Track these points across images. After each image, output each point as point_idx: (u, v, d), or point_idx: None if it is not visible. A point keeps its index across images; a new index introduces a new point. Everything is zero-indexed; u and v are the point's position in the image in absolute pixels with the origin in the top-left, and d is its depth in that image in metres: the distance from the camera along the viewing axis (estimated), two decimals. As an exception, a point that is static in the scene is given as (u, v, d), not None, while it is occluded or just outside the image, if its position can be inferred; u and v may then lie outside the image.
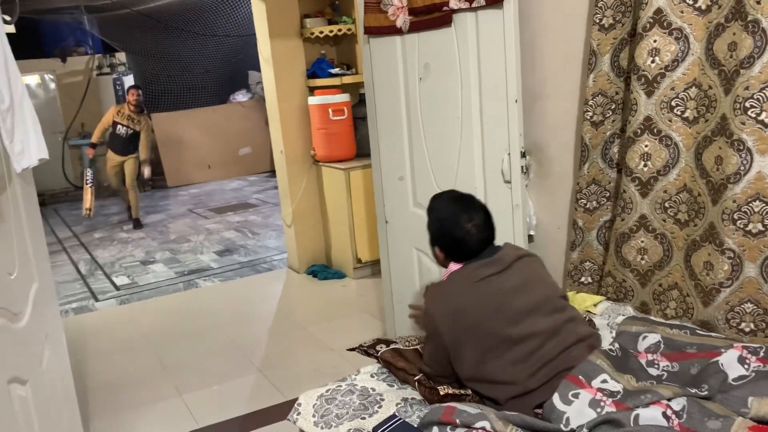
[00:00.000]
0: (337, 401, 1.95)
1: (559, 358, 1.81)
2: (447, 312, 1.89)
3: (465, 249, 1.96)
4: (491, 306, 1.85)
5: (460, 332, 1.86)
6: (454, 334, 1.87)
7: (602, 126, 2.32)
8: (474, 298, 1.87)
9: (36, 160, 2.24)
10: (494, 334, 1.83)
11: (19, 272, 2.17)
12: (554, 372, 1.80)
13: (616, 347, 1.88)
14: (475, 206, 2.01)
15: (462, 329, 1.86)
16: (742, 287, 1.99)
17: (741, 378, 1.72)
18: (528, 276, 1.93)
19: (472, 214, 1.97)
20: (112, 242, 6.80)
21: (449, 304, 1.89)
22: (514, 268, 1.93)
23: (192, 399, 3.28)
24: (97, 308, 4.82)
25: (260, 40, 4.92)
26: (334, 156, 4.83)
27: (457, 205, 2.02)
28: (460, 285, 1.91)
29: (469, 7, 2.56)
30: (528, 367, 1.80)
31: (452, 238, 1.98)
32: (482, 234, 1.96)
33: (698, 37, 2.00)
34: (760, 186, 1.89)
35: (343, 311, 4.34)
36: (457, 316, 1.87)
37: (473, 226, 1.95)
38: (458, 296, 1.89)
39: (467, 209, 1.99)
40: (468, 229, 1.95)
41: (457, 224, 1.96)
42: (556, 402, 1.69)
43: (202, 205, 8.53)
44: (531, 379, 1.80)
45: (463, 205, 2.02)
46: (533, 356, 1.81)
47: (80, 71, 9.89)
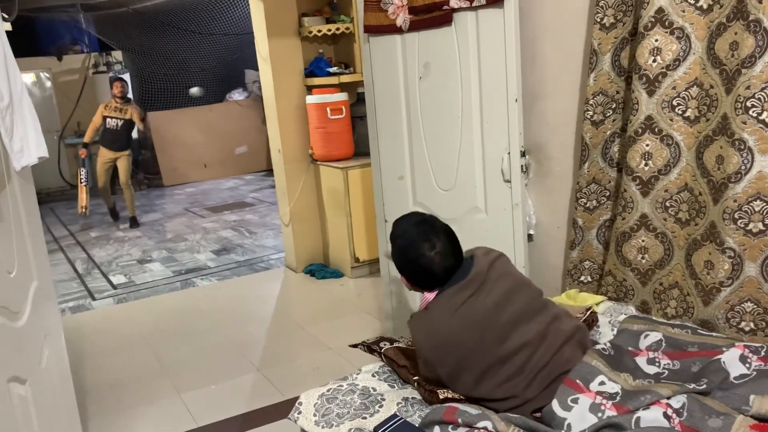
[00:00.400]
0: (338, 400, 1.95)
1: (552, 363, 1.80)
2: (435, 345, 1.86)
3: (431, 278, 1.90)
4: (477, 330, 1.81)
5: (452, 363, 1.84)
6: (447, 366, 1.85)
7: (603, 125, 2.33)
8: (459, 326, 1.83)
9: (36, 158, 2.24)
10: (486, 356, 1.81)
11: (19, 271, 2.16)
12: (550, 378, 1.79)
13: (608, 346, 1.88)
14: (436, 231, 1.91)
15: (454, 360, 1.83)
16: (743, 286, 1.99)
17: (743, 376, 1.72)
18: (506, 283, 1.87)
19: (434, 241, 1.88)
20: (109, 241, 6.78)
21: (435, 337, 1.85)
22: (491, 281, 1.86)
23: (191, 398, 3.28)
24: (95, 307, 4.81)
25: (258, 38, 4.91)
26: (332, 155, 4.82)
27: (419, 232, 1.92)
28: (443, 316, 1.85)
29: (469, 6, 2.57)
30: (523, 378, 1.80)
31: (416, 268, 1.91)
32: (447, 261, 1.88)
33: (699, 37, 2.00)
34: (760, 185, 1.89)
35: (341, 310, 4.33)
36: (447, 349, 1.84)
37: (436, 254, 1.87)
38: (443, 327, 1.84)
39: (428, 236, 1.89)
40: (431, 258, 1.87)
41: (419, 253, 1.88)
42: (555, 408, 1.68)
43: (198, 204, 8.52)
44: (528, 390, 1.79)
45: (424, 231, 1.91)
46: (526, 366, 1.80)
47: (76, 69, 9.86)
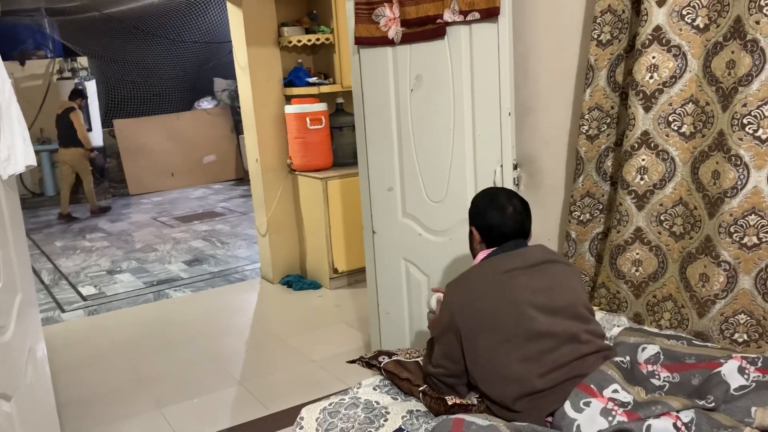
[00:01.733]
0: (341, 415, 1.92)
1: (573, 365, 1.81)
2: (466, 300, 1.91)
3: (498, 230, 2.01)
4: (511, 299, 1.86)
5: (476, 321, 1.86)
6: (470, 323, 1.87)
7: (597, 139, 2.36)
8: (495, 288, 1.89)
9: (23, 166, 2.17)
10: (510, 326, 1.83)
11: (4, 283, 2.08)
12: (565, 377, 1.80)
13: (627, 360, 1.90)
14: (514, 195, 2.09)
15: (479, 318, 1.86)
16: (737, 299, 2.04)
17: (742, 388, 1.75)
18: (554, 280, 1.92)
19: (512, 199, 2.05)
20: (76, 251, 6.61)
21: (469, 293, 1.91)
22: (541, 269, 1.93)
23: (172, 412, 3.20)
24: (64, 319, 4.67)
25: (236, 47, 4.86)
26: (311, 165, 4.80)
27: (499, 191, 2.12)
28: (483, 275, 1.94)
29: (463, 20, 2.58)
30: (539, 366, 1.80)
31: (488, 215, 2.03)
32: (518, 216, 2.02)
33: (696, 55, 2.06)
34: (756, 200, 1.94)
35: (320, 322, 4.30)
36: (476, 305, 1.88)
37: (510, 207, 2.02)
38: (479, 285, 1.92)
39: (507, 193, 2.09)
40: (504, 208, 2.01)
41: (496, 200, 2.04)
42: (567, 409, 1.70)
43: (166, 213, 8.37)
44: (540, 380, 1.79)
45: (503, 191, 2.12)
46: (546, 357, 1.80)
47: (40, 75, 9.61)
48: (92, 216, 8.37)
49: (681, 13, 2.04)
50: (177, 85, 10.42)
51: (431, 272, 2.95)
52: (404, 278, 3.09)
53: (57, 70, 9.62)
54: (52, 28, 9.34)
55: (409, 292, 3.08)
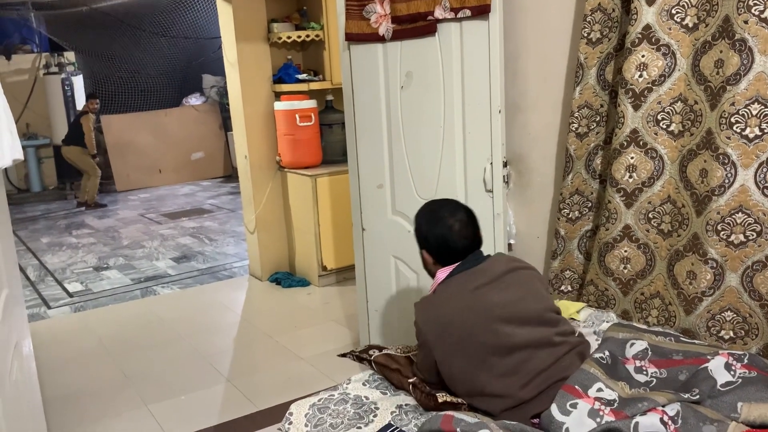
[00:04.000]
0: (330, 410, 1.92)
1: (552, 369, 1.82)
2: (436, 326, 1.89)
3: (449, 248, 1.97)
4: (480, 317, 1.85)
5: (449, 346, 1.86)
6: (443, 348, 1.87)
7: (587, 138, 2.38)
8: (462, 309, 1.87)
9: (10, 160, 2.13)
10: (483, 345, 1.83)
11: (-9, 278, 2.06)
12: (547, 383, 1.81)
13: (606, 355, 1.91)
14: (457, 206, 2.05)
15: (451, 343, 1.86)
16: (723, 296, 2.06)
17: (728, 384, 1.77)
18: (519, 289, 1.92)
19: (455, 212, 2.00)
20: (62, 247, 6.55)
21: (438, 318, 1.89)
22: (505, 281, 1.92)
23: (159, 410, 3.18)
24: (50, 316, 4.63)
25: (226, 43, 4.84)
26: (300, 162, 4.78)
27: (440, 205, 2.07)
28: (449, 297, 1.91)
29: (454, 18, 2.59)
30: (519, 378, 1.81)
31: (436, 235, 1.99)
32: (466, 231, 1.98)
33: (685, 54, 2.07)
34: (743, 198, 1.96)
35: (309, 319, 4.29)
36: (446, 330, 1.87)
37: (455, 222, 1.97)
38: (446, 309, 1.89)
39: (449, 208, 2.03)
40: (450, 225, 1.97)
41: (439, 221, 1.99)
42: (554, 413, 1.70)
43: (153, 210, 8.31)
44: (523, 390, 1.81)
45: (445, 204, 2.07)
46: (524, 367, 1.82)
47: (26, 70, 9.51)
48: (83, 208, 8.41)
49: (670, 12, 2.06)
50: (165, 81, 10.35)
51: (420, 269, 2.93)
52: (393, 275, 3.09)
53: (43, 64, 9.53)
54: (39, 22, 9.26)
55: (398, 289, 3.09)
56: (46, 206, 8.83)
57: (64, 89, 9.25)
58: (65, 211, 8.43)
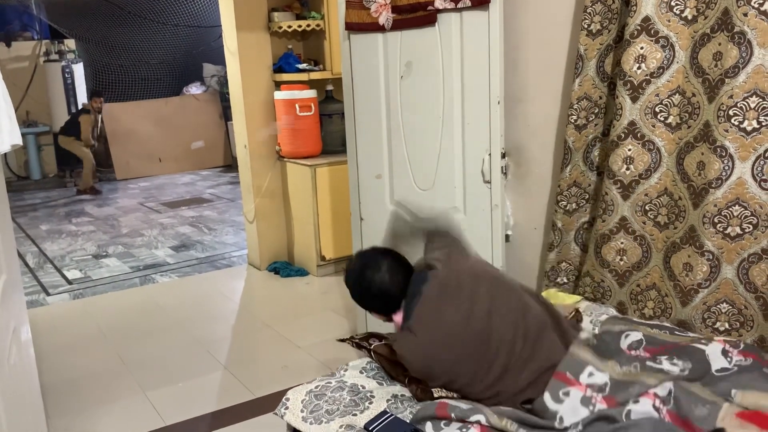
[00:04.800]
0: (326, 397, 1.93)
1: (536, 354, 1.84)
2: (424, 363, 1.91)
3: (392, 297, 1.97)
4: (458, 342, 1.87)
5: (441, 374, 1.89)
6: (438, 379, 1.90)
7: (585, 129, 2.38)
8: (440, 341, 1.88)
9: (8, 145, 2.14)
10: (472, 364, 1.86)
11: (-11, 263, 2.07)
12: (538, 371, 1.83)
13: (591, 331, 1.93)
14: (376, 257, 2.02)
15: (442, 371, 1.89)
16: (719, 288, 2.07)
17: (724, 370, 1.77)
18: (468, 285, 1.93)
19: (377, 266, 1.97)
20: (61, 235, 6.56)
21: (424, 356, 1.89)
22: (462, 285, 1.93)
23: (157, 396, 3.20)
24: (49, 302, 4.65)
25: (226, 32, 4.83)
26: (300, 152, 4.78)
27: (361, 268, 2.02)
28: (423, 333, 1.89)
29: (454, 8, 2.58)
30: (511, 375, 1.84)
31: (374, 294, 1.99)
32: (397, 276, 1.96)
33: (683, 46, 2.07)
34: (739, 191, 1.97)
35: (307, 309, 4.30)
36: (435, 364, 1.89)
37: (384, 274, 1.95)
38: (426, 345, 1.89)
39: (371, 265, 2.00)
40: (381, 280, 1.95)
41: (371, 284, 1.97)
42: (547, 401, 1.72)
43: (153, 199, 8.31)
44: (516, 383, 1.83)
45: (365, 262, 2.03)
46: (511, 363, 1.84)
47: (26, 57, 9.48)
48: (79, 194, 8.45)
49: (669, 4, 2.06)
50: (165, 69, 10.32)
51: (418, 259, 2.96)
52: (391, 265, 3.09)
53: (44, 52, 9.50)
54: (39, 9, 9.22)
55: (396, 279, 3.09)
56: (45, 194, 8.83)
57: (65, 77, 9.23)
58: (65, 198, 8.43)
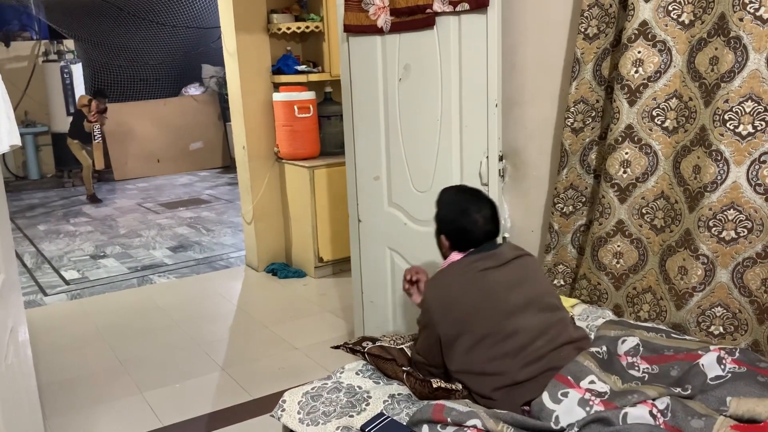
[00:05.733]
0: (323, 398, 1.94)
1: (549, 356, 1.85)
2: (443, 301, 1.95)
3: (470, 238, 2.03)
4: (486, 297, 1.91)
5: (453, 321, 1.91)
6: (448, 323, 1.92)
7: (582, 133, 2.39)
8: (470, 288, 1.94)
9: (7, 146, 2.14)
10: (487, 324, 1.88)
11: (-13, 263, 2.08)
12: (543, 369, 1.84)
13: (603, 350, 1.93)
14: (484, 199, 2.09)
15: (456, 319, 1.91)
16: (714, 292, 2.08)
17: (718, 378, 1.79)
18: (524, 274, 2.00)
19: (481, 206, 2.05)
20: (59, 235, 6.56)
21: (446, 294, 1.95)
22: (513, 265, 1.99)
23: (153, 397, 3.20)
24: (46, 303, 4.65)
25: (225, 33, 4.84)
26: (298, 154, 4.79)
27: (468, 196, 2.10)
28: (458, 275, 1.97)
29: (452, 11, 2.59)
30: (517, 361, 1.85)
31: (459, 226, 2.04)
32: (488, 225, 2.03)
33: (680, 51, 2.08)
34: (735, 195, 1.98)
35: (305, 310, 4.31)
36: (453, 305, 1.93)
37: (481, 217, 2.02)
38: (455, 286, 1.95)
39: (477, 201, 2.07)
40: (475, 219, 2.02)
41: (466, 213, 2.03)
42: (545, 400, 1.73)
43: (151, 199, 8.32)
44: (519, 373, 1.84)
45: (473, 196, 2.10)
46: (523, 351, 1.86)
47: (25, 57, 9.48)
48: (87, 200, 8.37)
49: (667, 8, 2.07)
50: (164, 70, 10.32)
51: (415, 261, 2.97)
52: (389, 267, 3.10)
53: (42, 52, 9.50)
54: (38, 9, 9.22)
55: (394, 280, 3.10)
56: (43, 194, 8.83)
57: (63, 77, 9.22)
58: (63, 199, 8.43)
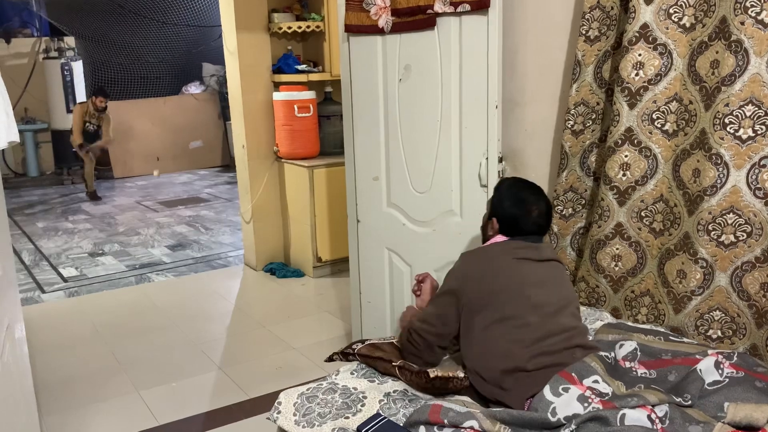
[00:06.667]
0: (318, 399, 1.93)
1: (561, 354, 1.86)
2: (478, 270, 1.98)
3: (521, 226, 2.06)
4: (517, 282, 1.95)
5: (482, 295, 1.94)
6: (475, 295, 1.95)
7: (582, 135, 2.38)
8: (505, 269, 1.97)
9: (5, 142, 2.14)
10: (510, 308, 1.91)
11: (-17, 259, 2.07)
12: (551, 363, 1.84)
13: (612, 356, 1.93)
14: (542, 195, 2.11)
15: (485, 293, 1.94)
16: (712, 296, 2.07)
17: (716, 383, 1.78)
18: (556, 276, 2.03)
19: (540, 201, 2.08)
20: (57, 232, 6.55)
21: (483, 267, 1.99)
22: (548, 265, 2.03)
23: (150, 395, 3.19)
24: (44, 300, 4.64)
25: (226, 32, 4.83)
26: (297, 153, 4.79)
27: (530, 189, 2.13)
28: (497, 254, 2.02)
29: (453, 12, 2.59)
30: (529, 351, 1.86)
31: (514, 213, 2.07)
32: (540, 220, 2.07)
33: (681, 54, 2.08)
34: (734, 199, 1.97)
35: (302, 310, 4.30)
36: (486, 278, 1.96)
37: (536, 209, 2.06)
38: (492, 262, 2.00)
39: (536, 194, 2.10)
40: (530, 210, 2.05)
41: (521, 202, 2.07)
42: (546, 393, 1.73)
43: (150, 197, 8.31)
44: (529, 362, 1.85)
45: (532, 190, 2.13)
46: (538, 343, 1.87)
47: (25, 54, 9.47)
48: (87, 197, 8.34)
49: (668, 11, 2.07)
50: (165, 68, 10.32)
51: (414, 262, 2.97)
52: (387, 267, 3.10)
53: (43, 49, 9.49)
54: (39, 6, 9.22)
55: (392, 281, 3.10)
56: (42, 191, 8.83)
57: (64, 74, 9.22)
58: (62, 196, 8.42)
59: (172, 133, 10.02)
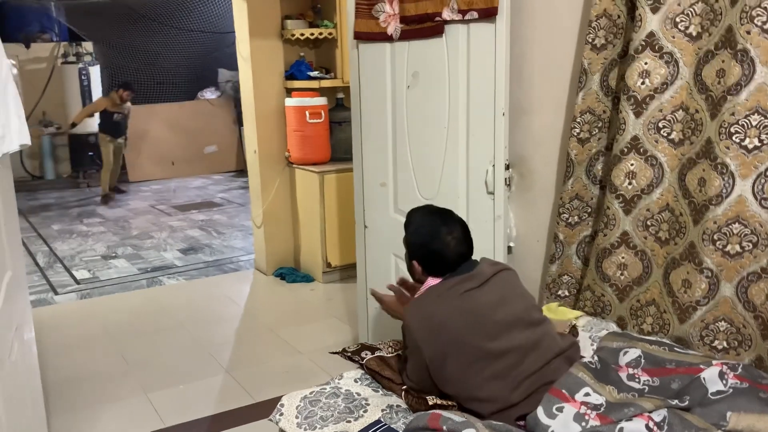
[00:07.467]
0: (321, 403, 1.94)
1: (540, 372, 1.84)
2: (427, 327, 1.89)
3: (443, 262, 1.98)
4: (471, 320, 1.87)
5: (440, 347, 1.87)
6: (434, 350, 1.88)
7: (588, 143, 2.38)
8: (454, 312, 1.88)
9: (17, 145, 2.18)
10: (474, 348, 1.84)
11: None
12: (536, 386, 1.82)
13: (595, 360, 1.92)
14: (453, 220, 2.04)
15: (442, 344, 1.87)
16: (718, 306, 2.06)
17: (719, 393, 1.77)
18: (506, 290, 1.96)
19: (452, 227, 2.00)
20: (72, 235, 6.63)
21: (429, 320, 1.89)
22: (492, 283, 1.95)
23: (157, 398, 3.22)
24: (57, 302, 4.69)
25: (239, 38, 4.88)
26: (308, 159, 4.81)
27: (436, 218, 2.04)
28: (440, 300, 1.92)
29: (461, 19, 2.60)
30: (509, 383, 1.83)
31: (431, 250, 1.99)
32: (460, 248, 1.99)
33: (687, 63, 2.07)
34: (740, 209, 1.96)
35: (311, 315, 4.32)
36: (438, 331, 1.87)
37: (452, 239, 1.97)
38: (438, 311, 1.90)
39: (446, 222, 2.02)
40: (447, 242, 1.97)
41: (436, 237, 1.98)
42: (540, 415, 1.71)
43: (164, 201, 8.39)
44: (513, 394, 1.82)
45: (442, 218, 2.04)
46: (514, 371, 1.84)
47: (44, 58, 9.61)
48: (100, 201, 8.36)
49: (675, 20, 2.06)
50: (181, 74, 10.42)
51: (420, 269, 2.97)
52: (393, 273, 3.10)
53: (62, 54, 9.63)
54: (59, 11, 9.36)
55: (398, 287, 3.10)
56: (59, 194, 8.94)
57: (81, 79, 9.35)
58: (78, 199, 8.52)
59: (188, 137, 10.11)
